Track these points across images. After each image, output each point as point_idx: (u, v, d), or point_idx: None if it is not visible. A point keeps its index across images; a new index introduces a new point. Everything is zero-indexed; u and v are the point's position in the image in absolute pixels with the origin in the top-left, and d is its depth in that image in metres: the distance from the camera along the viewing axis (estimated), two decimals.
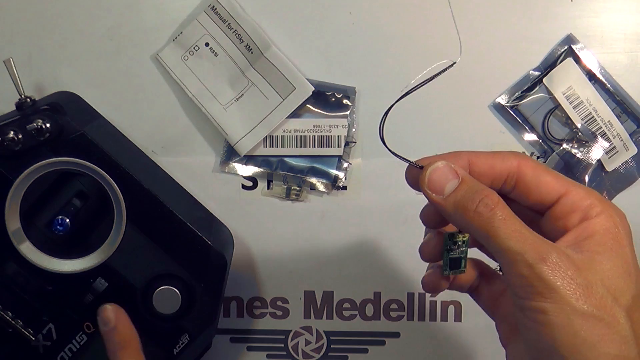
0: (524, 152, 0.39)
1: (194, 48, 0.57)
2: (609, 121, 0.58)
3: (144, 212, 0.51)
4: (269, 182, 0.60)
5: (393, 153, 0.38)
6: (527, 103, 0.59)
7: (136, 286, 0.51)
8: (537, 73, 0.58)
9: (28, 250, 0.51)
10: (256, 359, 0.63)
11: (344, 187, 0.60)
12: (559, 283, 0.32)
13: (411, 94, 0.60)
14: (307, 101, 0.58)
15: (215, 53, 0.58)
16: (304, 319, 0.62)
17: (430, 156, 0.39)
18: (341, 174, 0.59)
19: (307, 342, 0.62)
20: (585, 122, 0.58)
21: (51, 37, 0.58)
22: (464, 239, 0.39)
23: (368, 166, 0.60)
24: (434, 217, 0.40)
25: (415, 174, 0.38)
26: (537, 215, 0.38)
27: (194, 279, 0.51)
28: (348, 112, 0.59)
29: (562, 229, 0.36)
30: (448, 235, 0.39)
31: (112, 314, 0.49)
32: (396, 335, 0.62)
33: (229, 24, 0.57)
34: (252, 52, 0.57)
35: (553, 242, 0.35)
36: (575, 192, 0.36)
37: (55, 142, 0.50)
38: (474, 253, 0.41)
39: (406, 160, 0.38)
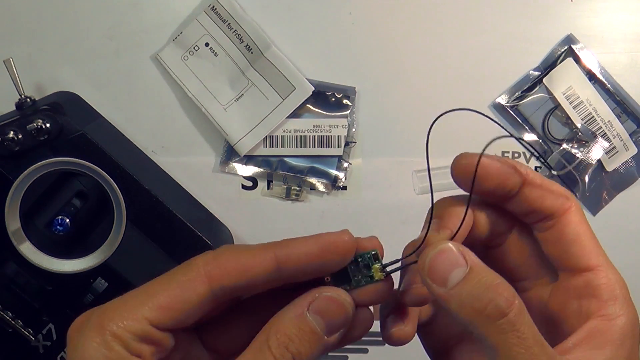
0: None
1: (194, 48, 0.57)
2: (609, 121, 0.58)
3: (144, 212, 0.51)
4: (269, 182, 0.60)
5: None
6: (527, 103, 0.59)
7: (136, 286, 0.51)
8: (537, 73, 0.58)
9: (28, 250, 0.51)
10: None
11: (344, 187, 0.60)
12: None
13: (411, 93, 0.60)
14: (307, 101, 0.58)
15: (215, 53, 0.57)
16: None
17: (449, 198, 0.32)
18: (341, 174, 0.59)
19: None
20: (585, 122, 0.58)
21: (51, 37, 0.58)
22: (375, 277, 0.30)
23: (368, 166, 0.60)
24: (422, 299, 0.31)
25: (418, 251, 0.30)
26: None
27: None
28: (348, 112, 0.59)
29: (566, 306, 0.31)
30: (368, 257, 0.31)
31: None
32: None
33: (229, 24, 0.57)
34: (252, 52, 0.57)
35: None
36: (605, 273, 0.30)
37: (55, 142, 0.50)
38: None
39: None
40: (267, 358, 0.27)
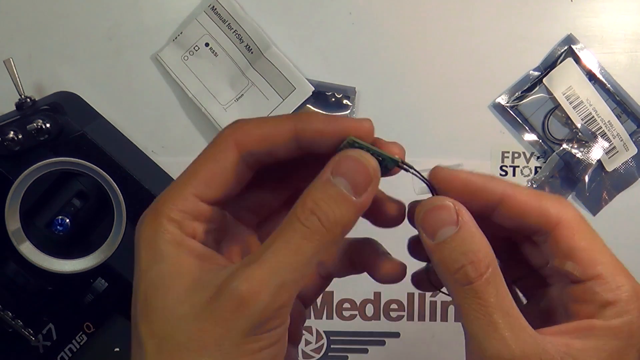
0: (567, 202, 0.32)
1: (194, 48, 0.57)
2: (609, 121, 0.58)
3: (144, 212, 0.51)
4: None
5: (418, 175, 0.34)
6: (527, 103, 0.59)
7: None
8: (537, 73, 0.58)
9: (28, 250, 0.51)
10: None
11: None
12: None
13: (411, 93, 0.60)
14: (307, 101, 0.58)
15: (215, 53, 0.58)
16: None
17: (455, 170, 0.33)
18: None
19: (307, 342, 0.62)
20: (585, 122, 0.58)
21: (51, 37, 0.58)
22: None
23: None
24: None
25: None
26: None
27: None
28: (348, 112, 0.59)
29: (567, 307, 0.31)
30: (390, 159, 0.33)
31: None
32: (396, 335, 0.62)
33: (229, 24, 0.57)
34: (252, 52, 0.57)
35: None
36: (605, 280, 0.30)
37: (55, 142, 0.50)
38: None
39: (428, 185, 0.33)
40: (295, 227, 0.27)
